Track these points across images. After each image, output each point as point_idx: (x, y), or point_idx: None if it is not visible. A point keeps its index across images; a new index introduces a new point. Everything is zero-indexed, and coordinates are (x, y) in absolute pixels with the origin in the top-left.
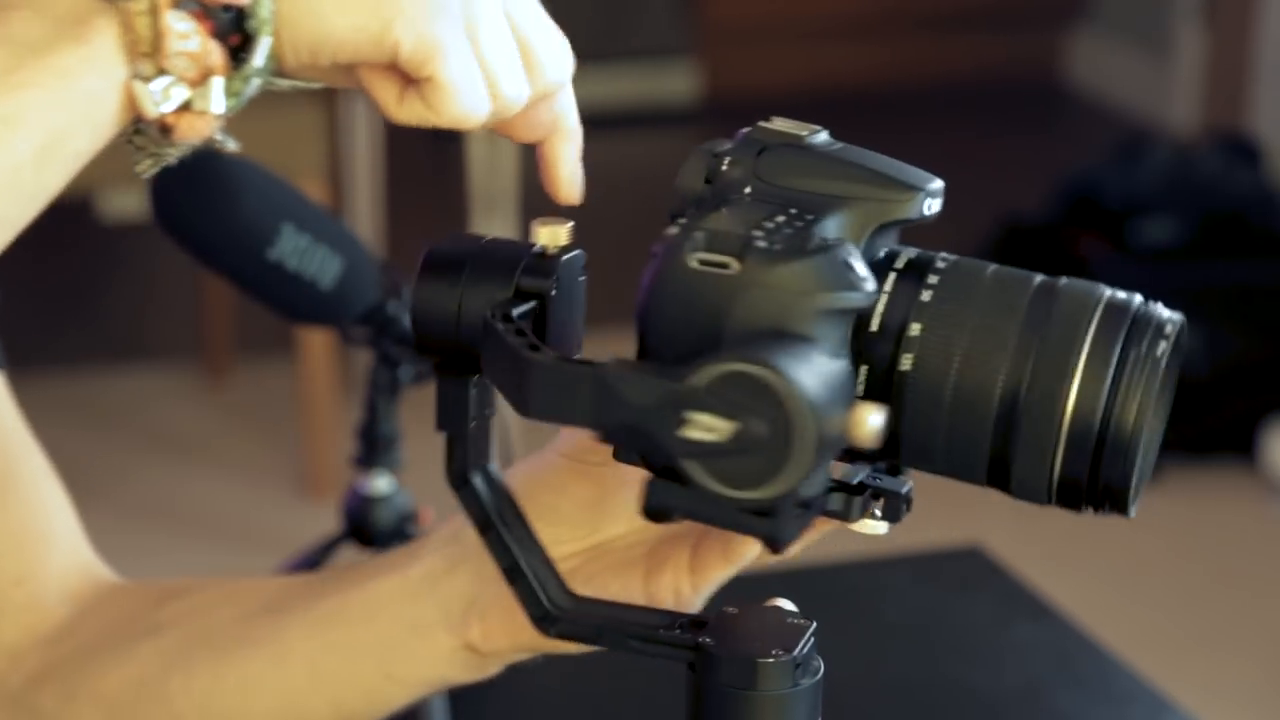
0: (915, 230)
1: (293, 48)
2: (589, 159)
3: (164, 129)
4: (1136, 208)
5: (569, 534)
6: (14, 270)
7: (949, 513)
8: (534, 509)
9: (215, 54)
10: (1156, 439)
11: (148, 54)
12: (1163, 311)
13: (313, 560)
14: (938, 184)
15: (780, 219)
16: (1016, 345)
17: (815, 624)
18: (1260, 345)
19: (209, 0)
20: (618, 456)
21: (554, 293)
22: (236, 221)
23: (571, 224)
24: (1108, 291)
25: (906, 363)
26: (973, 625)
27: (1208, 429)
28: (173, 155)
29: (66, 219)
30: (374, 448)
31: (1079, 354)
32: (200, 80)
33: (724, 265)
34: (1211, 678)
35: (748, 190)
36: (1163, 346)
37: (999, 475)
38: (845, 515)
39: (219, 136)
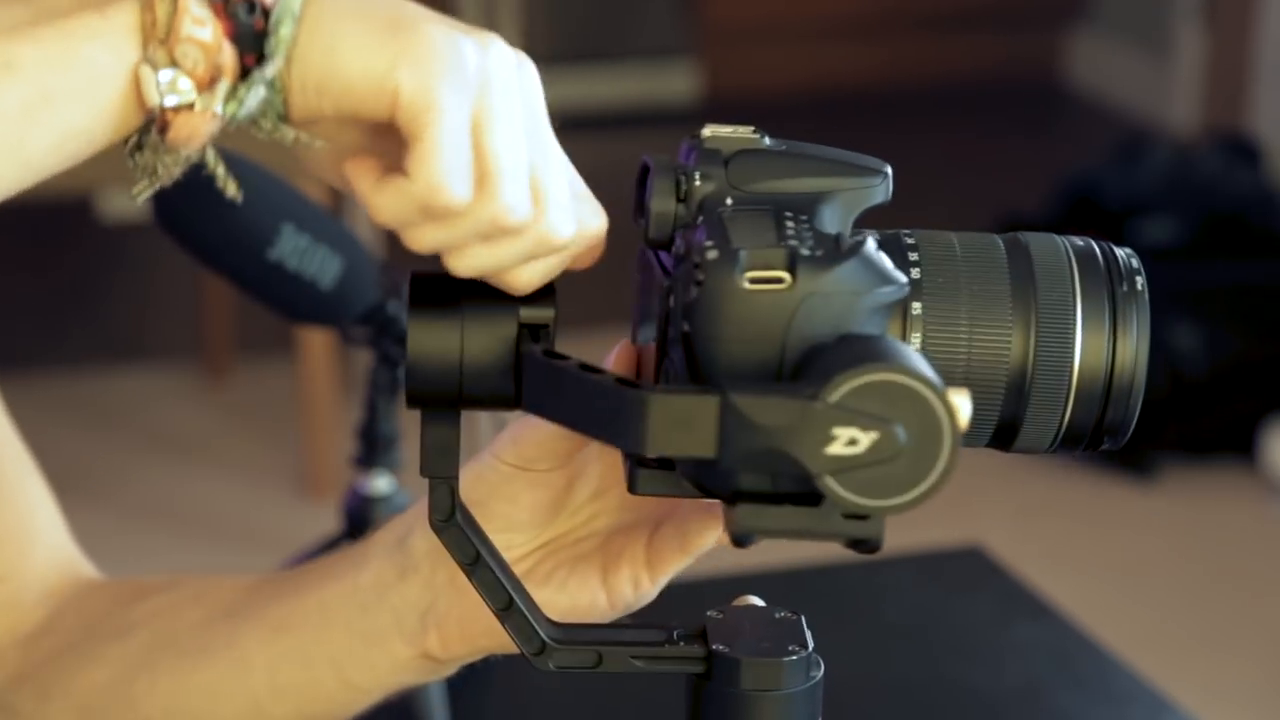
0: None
1: (301, 81)
2: (590, 159)
3: (162, 128)
4: (1136, 208)
5: (521, 538)
6: (14, 270)
7: (949, 513)
8: (487, 518)
9: (227, 53)
10: None
11: (162, 40)
12: (1117, 247)
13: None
14: (888, 167)
15: (789, 225)
16: (1013, 308)
17: (802, 615)
18: (1260, 345)
19: None
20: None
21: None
22: (236, 221)
23: None
24: (1063, 239)
25: (915, 342)
26: (973, 625)
27: (1208, 429)
28: (170, 170)
29: (66, 219)
30: (374, 448)
31: (1075, 310)
32: (207, 83)
33: (777, 280)
34: (1211, 678)
35: (729, 201)
36: (1140, 281)
37: (1003, 438)
38: None
39: (220, 171)
